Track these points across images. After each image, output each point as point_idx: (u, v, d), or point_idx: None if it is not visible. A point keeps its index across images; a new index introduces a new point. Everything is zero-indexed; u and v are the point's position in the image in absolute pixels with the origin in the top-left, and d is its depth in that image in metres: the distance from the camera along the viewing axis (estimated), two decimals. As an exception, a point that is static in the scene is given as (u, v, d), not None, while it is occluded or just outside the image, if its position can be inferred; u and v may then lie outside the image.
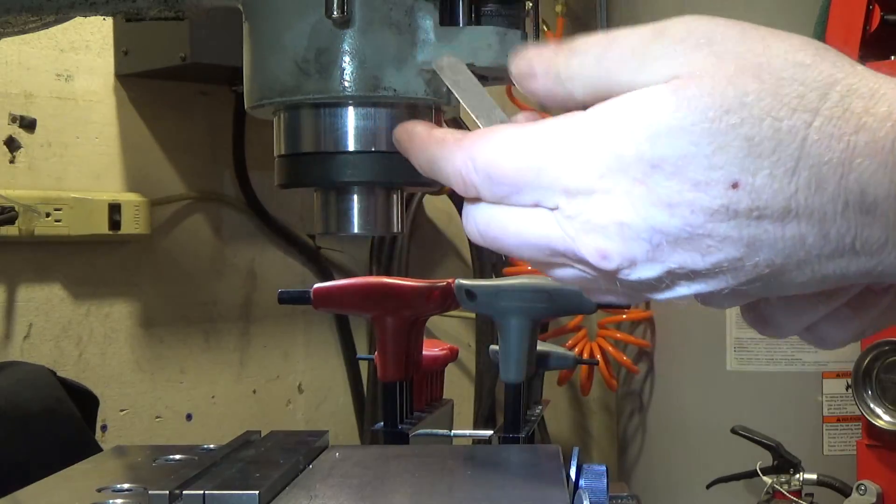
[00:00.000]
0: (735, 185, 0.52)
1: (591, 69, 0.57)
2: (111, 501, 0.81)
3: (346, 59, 0.76)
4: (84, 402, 1.75)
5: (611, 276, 0.57)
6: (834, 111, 0.52)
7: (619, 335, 2.85)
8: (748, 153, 0.52)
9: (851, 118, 0.51)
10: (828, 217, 0.52)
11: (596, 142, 0.55)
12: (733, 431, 2.22)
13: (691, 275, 0.56)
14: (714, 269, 0.55)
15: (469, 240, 0.64)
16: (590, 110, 0.56)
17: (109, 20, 2.10)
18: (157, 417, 2.29)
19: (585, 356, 2.82)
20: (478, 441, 1.57)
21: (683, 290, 0.57)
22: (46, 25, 0.92)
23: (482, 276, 2.74)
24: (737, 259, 0.54)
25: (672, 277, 0.56)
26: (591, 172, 0.55)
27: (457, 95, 0.68)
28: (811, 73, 0.53)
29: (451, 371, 1.46)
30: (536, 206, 0.57)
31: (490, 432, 1.25)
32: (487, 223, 0.60)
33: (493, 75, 0.82)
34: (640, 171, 0.53)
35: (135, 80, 2.21)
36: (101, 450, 1.62)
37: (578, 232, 0.56)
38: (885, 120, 0.51)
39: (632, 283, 0.57)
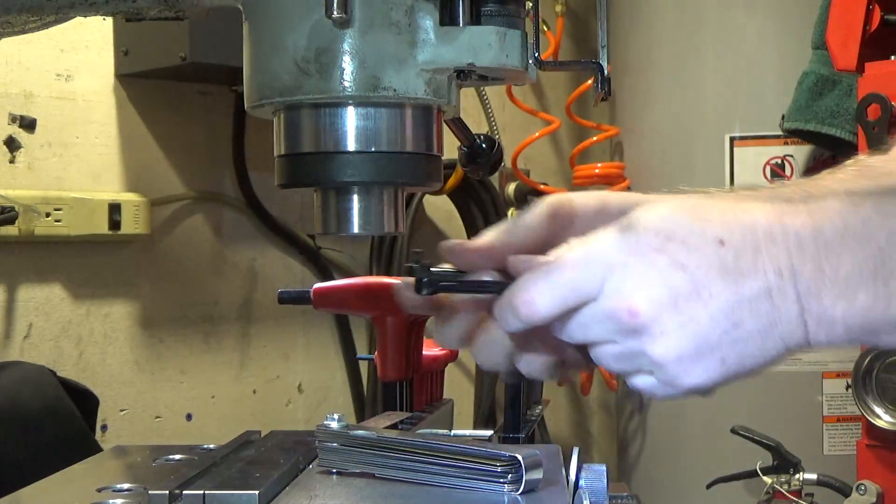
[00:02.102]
0: (721, 243, 0.72)
1: None
2: (111, 501, 0.81)
3: (346, 59, 0.76)
4: (84, 401, 1.75)
5: (642, 337, 0.72)
6: (762, 196, 0.75)
7: (619, 335, 2.84)
8: (723, 221, 0.73)
9: (773, 199, 0.74)
10: (780, 258, 0.71)
11: (621, 233, 0.74)
12: (733, 431, 2.22)
13: (698, 328, 0.72)
14: (713, 321, 0.71)
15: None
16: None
17: (109, 20, 2.10)
18: (157, 417, 2.29)
19: (585, 356, 2.81)
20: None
21: (689, 347, 0.72)
22: (46, 25, 0.92)
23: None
24: (728, 306, 0.71)
25: (685, 333, 0.72)
26: (620, 252, 0.73)
27: None
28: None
29: (451, 371, 1.46)
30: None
31: (490, 432, 1.25)
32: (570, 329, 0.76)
33: (492, 75, 0.82)
34: (658, 243, 0.72)
35: (135, 80, 2.21)
36: (101, 450, 1.63)
37: (614, 299, 0.73)
38: (793, 195, 0.75)
39: (656, 350, 0.73)
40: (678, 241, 0.72)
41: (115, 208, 2.13)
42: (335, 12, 0.72)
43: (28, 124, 2.07)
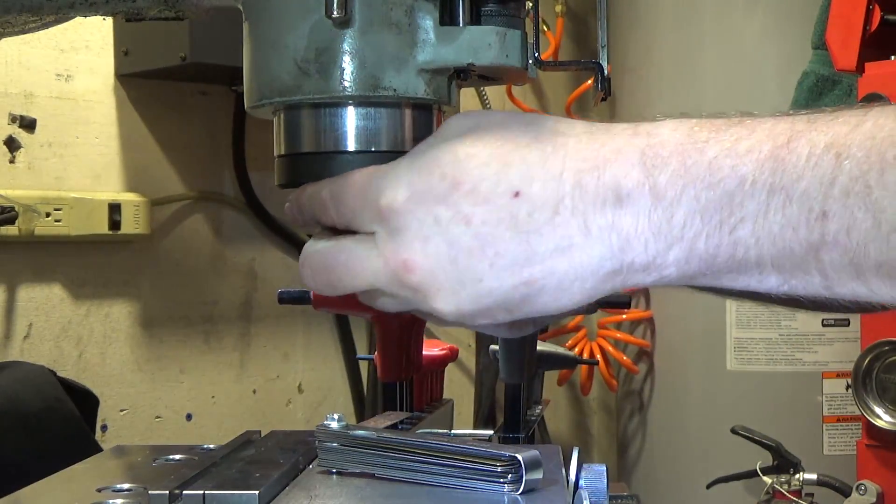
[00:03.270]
0: (516, 194, 0.64)
1: None
2: (111, 501, 0.81)
3: (346, 59, 0.76)
4: (84, 401, 1.75)
5: (418, 293, 0.66)
6: (582, 134, 0.65)
7: (619, 335, 2.85)
8: (525, 169, 0.64)
9: (597, 136, 0.65)
10: (588, 213, 0.63)
11: (407, 170, 0.67)
12: (733, 431, 2.22)
13: (480, 286, 0.65)
14: (499, 280, 0.64)
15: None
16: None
17: (109, 20, 2.10)
18: (157, 417, 2.29)
19: (585, 356, 2.82)
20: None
21: (470, 305, 0.66)
22: (46, 25, 0.91)
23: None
24: (518, 266, 0.64)
25: (466, 292, 0.65)
26: (400, 195, 0.66)
27: None
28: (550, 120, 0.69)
29: (451, 371, 1.47)
30: (362, 234, 0.68)
31: (490, 432, 1.25)
32: (320, 263, 0.70)
33: (492, 75, 0.82)
34: (444, 190, 0.65)
35: (135, 80, 2.21)
36: (101, 450, 1.63)
37: (389, 249, 0.66)
38: (624, 133, 0.65)
39: (435, 305, 0.66)
40: (466, 190, 0.64)
41: (115, 208, 2.13)
42: (335, 12, 0.72)
43: (28, 124, 2.07)
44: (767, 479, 2.11)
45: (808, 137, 0.61)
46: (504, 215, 0.64)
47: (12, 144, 2.05)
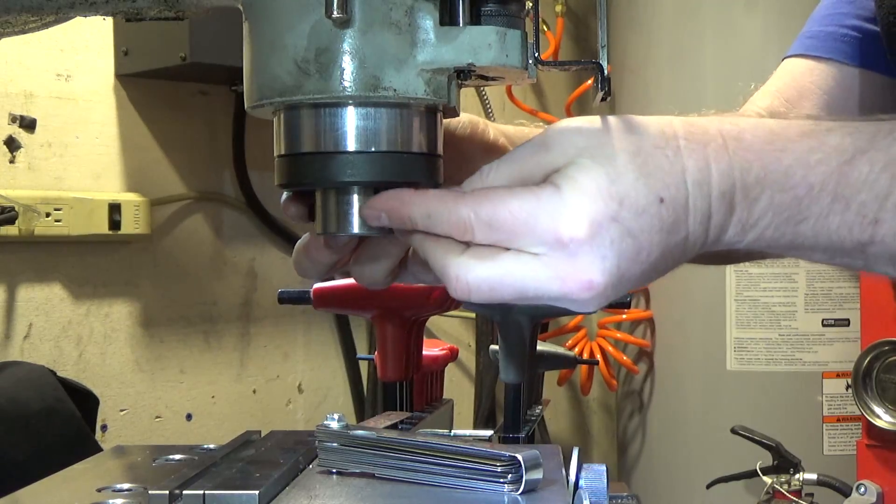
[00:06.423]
0: (662, 200, 0.71)
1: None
2: (111, 501, 0.81)
3: (346, 59, 0.76)
4: (84, 401, 1.75)
5: (577, 302, 0.71)
6: (684, 136, 0.73)
7: (619, 335, 2.85)
8: (664, 176, 0.71)
9: (696, 137, 0.73)
10: (702, 208, 0.72)
11: (580, 199, 0.70)
12: (733, 431, 2.22)
13: (629, 285, 0.72)
14: (642, 275, 0.72)
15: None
16: (556, 180, 0.71)
17: (109, 20, 2.10)
18: (157, 417, 2.29)
19: (585, 356, 2.82)
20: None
21: (611, 298, 0.72)
22: (46, 25, 0.91)
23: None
24: (657, 261, 0.72)
25: (617, 291, 0.71)
26: (583, 224, 0.69)
27: None
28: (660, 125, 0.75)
29: (451, 371, 1.47)
30: (521, 252, 0.71)
31: (490, 432, 1.25)
32: (486, 289, 0.71)
33: (492, 75, 0.82)
34: (613, 210, 0.70)
35: (135, 80, 2.21)
36: (101, 450, 1.63)
37: (567, 271, 0.69)
38: (717, 136, 0.74)
39: (584, 308, 0.72)
40: (629, 206, 0.70)
41: (115, 208, 2.13)
42: (335, 12, 0.72)
43: (28, 124, 2.07)
44: (767, 479, 2.12)
45: (869, 156, 0.73)
46: (655, 221, 0.71)
47: (12, 144, 2.05)
